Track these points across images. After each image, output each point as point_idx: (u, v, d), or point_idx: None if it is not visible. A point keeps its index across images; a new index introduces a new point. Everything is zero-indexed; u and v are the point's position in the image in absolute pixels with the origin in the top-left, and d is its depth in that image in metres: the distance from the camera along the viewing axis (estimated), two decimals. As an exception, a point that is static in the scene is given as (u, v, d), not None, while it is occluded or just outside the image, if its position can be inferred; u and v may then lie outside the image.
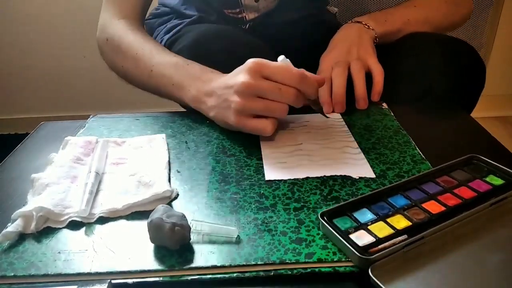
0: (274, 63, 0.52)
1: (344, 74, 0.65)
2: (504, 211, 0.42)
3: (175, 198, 0.46)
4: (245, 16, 0.80)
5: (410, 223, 0.40)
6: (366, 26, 0.73)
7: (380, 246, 0.37)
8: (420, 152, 0.53)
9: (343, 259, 0.37)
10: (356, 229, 0.40)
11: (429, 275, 0.36)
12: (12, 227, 0.41)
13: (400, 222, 0.40)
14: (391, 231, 0.39)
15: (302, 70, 0.53)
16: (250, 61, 0.52)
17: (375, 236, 0.39)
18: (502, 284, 0.35)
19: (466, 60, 0.70)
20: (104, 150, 0.53)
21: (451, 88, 0.61)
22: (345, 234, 0.39)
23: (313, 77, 0.55)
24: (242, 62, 0.58)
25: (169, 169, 0.51)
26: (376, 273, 0.35)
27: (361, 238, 0.38)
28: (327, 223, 0.40)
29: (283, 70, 0.52)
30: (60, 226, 0.42)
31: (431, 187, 0.45)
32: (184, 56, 0.66)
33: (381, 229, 0.39)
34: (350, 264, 0.37)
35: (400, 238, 0.38)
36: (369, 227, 0.40)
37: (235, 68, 0.60)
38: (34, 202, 0.43)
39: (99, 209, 0.44)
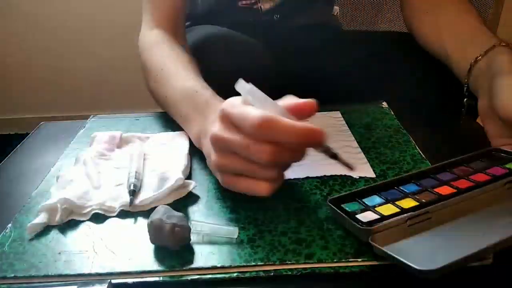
0: (239, 107, 0.39)
1: None
2: None
3: (197, 195, 0.46)
4: (260, 7, 0.79)
5: (417, 203, 0.40)
6: None
7: (384, 222, 0.37)
8: (420, 152, 0.53)
9: (343, 259, 0.37)
10: (363, 210, 0.40)
11: (430, 239, 0.35)
12: (38, 219, 0.42)
13: (409, 203, 0.40)
14: (397, 210, 0.39)
15: (264, 115, 0.36)
16: (221, 107, 0.40)
17: (380, 214, 0.39)
18: (497, 237, 0.33)
19: None
20: (142, 149, 0.54)
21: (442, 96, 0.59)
22: (352, 214, 0.39)
23: (295, 105, 0.39)
24: (240, 64, 0.56)
25: (190, 163, 0.51)
26: (377, 241, 0.35)
27: (366, 217, 0.38)
28: (335, 206, 0.40)
29: (241, 117, 0.38)
30: (84, 219, 0.43)
31: (446, 175, 0.44)
32: None
33: (388, 209, 0.39)
34: (350, 264, 0.37)
35: (405, 214, 0.38)
36: (376, 208, 0.40)
37: (233, 71, 0.58)
38: (58, 195, 0.44)
39: (119, 202, 0.44)
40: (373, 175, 0.49)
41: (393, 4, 1.54)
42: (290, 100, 0.40)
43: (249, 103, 0.39)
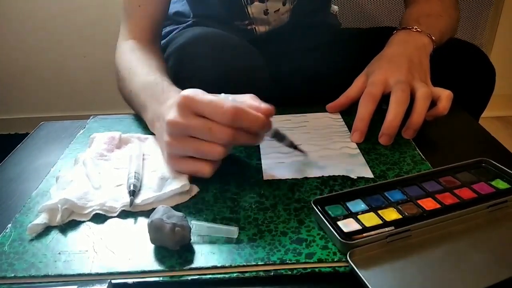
0: (206, 96, 0.44)
1: (407, 102, 0.55)
2: (503, 216, 0.41)
3: (196, 195, 0.46)
4: (254, 28, 0.80)
5: (400, 216, 0.40)
6: (430, 37, 0.65)
7: (364, 234, 0.38)
8: (420, 153, 0.53)
9: (343, 259, 0.37)
10: (346, 217, 0.40)
11: (407, 266, 0.36)
12: (38, 220, 0.42)
13: (391, 214, 0.40)
14: (379, 221, 0.39)
15: (237, 105, 0.43)
16: (181, 95, 0.44)
17: (362, 224, 0.39)
18: (476, 284, 0.34)
19: (473, 63, 0.70)
20: (141, 151, 0.54)
21: (456, 91, 0.60)
22: (333, 220, 0.39)
23: (257, 108, 0.44)
24: (228, 65, 0.57)
25: None
26: (355, 258, 0.36)
27: (348, 225, 0.39)
28: (318, 209, 0.41)
29: (214, 106, 0.43)
30: (85, 219, 0.43)
31: (431, 185, 0.45)
32: (171, 61, 0.66)
33: (370, 219, 0.40)
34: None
35: (386, 228, 0.38)
36: (358, 216, 0.40)
37: (221, 72, 0.59)
38: (58, 195, 0.44)
39: (120, 203, 0.44)
40: (371, 176, 0.49)
41: (393, 4, 1.54)
42: (252, 101, 0.46)
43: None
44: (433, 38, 0.65)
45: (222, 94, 0.45)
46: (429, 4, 0.73)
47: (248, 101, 0.46)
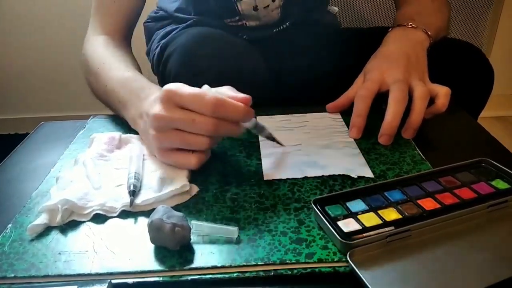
0: (188, 89, 0.45)
1: (406, 101, 0.55)
2: (503, 216, 0.41)
3: (196, 195, 0.46)
4: (245, 23, 0.80)
5: (400, 216, 0.40)
6: (425, 33, 0.65)
7: (364, 234, 0.38)
8: (420, 153, 0.53)
9: (343, 259, 0.37)
10: (346, 217, 0.40)
11: (407, 266, 0.36)
12: (39, 220, 0.42)
13: (391, 214, 0.40)
14: (379, 221, 0.40)
15: (218, 96, 0.45)
16: (164, 89, 0.46)
17: (362, 224, 0.39)
18: (477, 284, 0.34)
19: (471, 63, 0.70)
20: (141, 151, 0.54)
21: (455, 91, 0.60)
22: (333, 220, 0.40)
23: (236, 98, 0.46)
24: (229, 66, 0.57)
25: None
26: (355, 258, 0.36)
27: (348, 225, 0.39)
28: (317, 209, 0.41)
29: (196, 98, 0.44)
30: (85, 219, 0.43)
31: (431, 185, 0.45)
32: (172, 61, 0.66)
33: (370, 219, 0.40)
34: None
35: (386, 228, 0.38)
36: (358, 216, 0.40)
37: (223, 73, 0.59)
38: (58, 196, 0.44)
39: (121, 203, 0.44)
40: (371, 175, 0.49)
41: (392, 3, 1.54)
42: (230, 92, 0.48)
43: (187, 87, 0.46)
44: (429, 33, 0.65)
45: (205, 86, 0.47)
46: (420, 3, 0.74)
47: (227, 92, 0.47)
